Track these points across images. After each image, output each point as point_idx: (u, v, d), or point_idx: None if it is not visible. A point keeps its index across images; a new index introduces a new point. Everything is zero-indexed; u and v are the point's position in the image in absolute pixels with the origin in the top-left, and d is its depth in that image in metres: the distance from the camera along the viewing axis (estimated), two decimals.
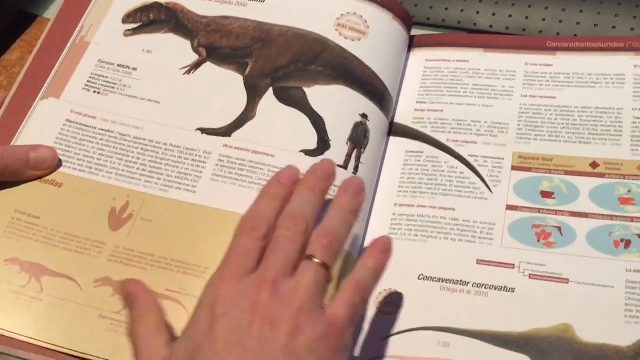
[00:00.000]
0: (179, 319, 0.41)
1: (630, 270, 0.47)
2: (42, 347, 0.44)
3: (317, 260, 0.40)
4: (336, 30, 0.56)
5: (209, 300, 0.38)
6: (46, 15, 0.66)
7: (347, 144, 0.52)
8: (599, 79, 0.57)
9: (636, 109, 0.55)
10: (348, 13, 0.57)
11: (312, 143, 0.51)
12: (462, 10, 0.64)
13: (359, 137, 0.53)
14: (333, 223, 0.42)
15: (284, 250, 0.40)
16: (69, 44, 0.56)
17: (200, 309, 0.39)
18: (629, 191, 0.51)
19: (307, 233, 0.41)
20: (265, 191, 0.43)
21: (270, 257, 0.40)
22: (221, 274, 0.39)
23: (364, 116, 0.54)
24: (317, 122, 0.52)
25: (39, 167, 0.49)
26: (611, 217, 0.50)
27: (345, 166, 0.51)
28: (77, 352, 0.44)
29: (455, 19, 0.65)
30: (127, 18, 0.57)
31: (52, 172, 0.50)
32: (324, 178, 0.44)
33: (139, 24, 0.57)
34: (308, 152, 0.51)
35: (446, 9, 0.65)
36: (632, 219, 0.49)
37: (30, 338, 0.44)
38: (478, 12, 0.64)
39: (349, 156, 0.52)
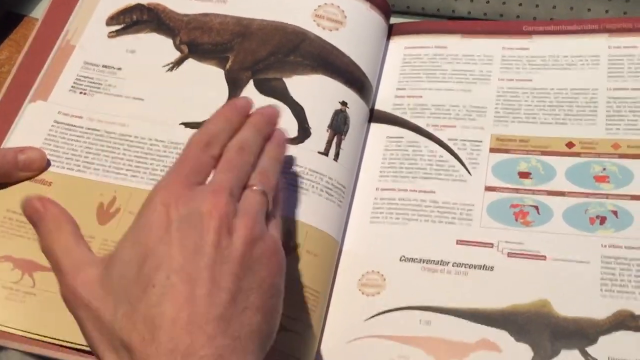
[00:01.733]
0: None
1: (605, 246, 0.49)
2: (37, 339, 0.45)
3: (257, 188, 0.40)
4: (314, 21, 0.57)
5: (161, 202, 0.37)
6: (33, 14, 0.67)
7: (327, 131, 0.53)
8: (574, 61, 0.58)
9: (610, 89, 0.56)
10: (325, 4, 0.58)
11: (293, 131, 0.53)
12: None
13: (338, 124, 0.54)
14: (264, 165, 0.43)
15: (236, 172, 0.40)
16: (55, 48, 0.57)
17: (150, 210, 0.37)
18: (604, 169, 0.52)
19: (252, 166, 0.42)
20: (220, 113, 0.44)
21: (223, 173, 0.40)
22: (172, 179, 0.39)
23: (344, 104, 0.55)
24: (297, 111, 0.54)
25: (28, 169, 0.51)
26: (587, 195, 0.51)
27: (325, 153, 0.52)
28: (70, 342, 0.45)
29: (434, 7, 0.66)
30: (111, 20, 0.59)
31: (41, 172, 0.51)
32: (269, 122, 0.45)
33: (122, 26, 0.58)
34: (289, 141, 0.52)
35: None
36: (607, 196, 0.51)
37: (25, 331, 0.46)
38: (456, 0, 0.65)
39: (329, 143, 0.53)
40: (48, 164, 0.51)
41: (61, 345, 0.45)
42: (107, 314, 0.36)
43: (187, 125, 0.53)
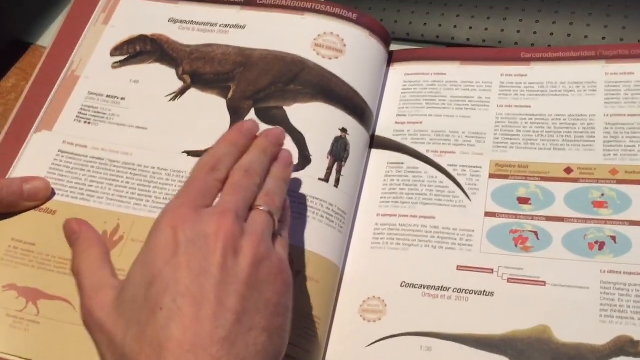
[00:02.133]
0: None
1: (604, 272, 0.49)
2: None
3: (263, 209, 0.41)
4: (314, 50, 0.58)
5: (168, 225, 0.38)
6: (40, 42, 0.69)
7: (327, 157, 0.54)
8: (572, 87, 0.59)
9: (607, 115, 0.56)
10: (325, 33, 0.59)
11: (294, 159, 0.53)
12: (440, 25, 0.66)
13: (339, 151, 0.55)
14: (270, 186, 0.43)
15: (242, 193, 0.41)
16: (60, 79, 0.58)
17: (158, 234, 0.38)
18: (602, 195, 0.52)
19: (259, 188, 0.42)
20: (226, 137, 0.44)
21: (229, 195, 0.41)
22: (180, 202, 0.40)
23: (344, 130, 0.56)
24: (298, 139, 0.54)
25: (33, 199, 0.51)
26: (585, 221, 0.52)
27: (326, 179, 0.53)
28: None
29: (433, 34, 0.67)
30: (115, 51, 0.60)
31: (46, 202, 0.52)
32: (275, 144, 0.45)
33: (126, 56, 0.59)
34: None
35: (425, 24, 0.67)
36: (605, 222, 0.51)
37: None
38: (455, 27, 0.66)
39: (329, 169, 0.54)
40: (53, 193, 0.52)
41: None
42: (118, 337, 0.36)
43: (190, 153, 0.54)
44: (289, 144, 0.54)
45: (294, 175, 0.52)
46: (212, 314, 0.35)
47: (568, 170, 0.54)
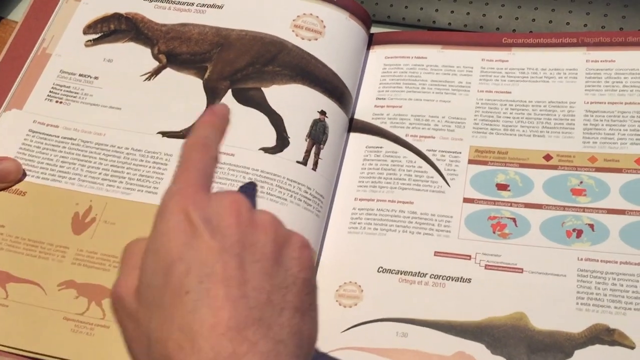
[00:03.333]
0: None
1: (581, 259, 0.49)
2: (7, 351, 0.45)
3: None
4: (293, 31, 0.57)
5: (177, 208, 0.35)
6: (11, 17, 0.66)
7: (306, 140, 0.53)
8: (553, 74, 0.58)
9: (588, 103, 0.56)
10: (304, 14, 0.58)
11: (271, 141, 0.52)
12: (421, 9, 0.66)
13: (317, 134, 0.54)
14: None
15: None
16: (30, 56, 0.57)
17: (168, 217, 0.35)
18: (581, 182, 0.52)
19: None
20: (205, 119, 0.42)
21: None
22: (184, 184, 0.37)
23: (323, 113, 0.55)
24: (276, 121, 0.53)
25: (4, 180, 0.50)
26: (564, 208, 0.51)
27: (304, 162, 0.52)
28: (41, 354, 0.44)
29: (414, 17, 0.66)
30: (88, 29, 0.58)
31: (16, 183, 0.51)
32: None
33: (99, 35, 0.58)
34: (267, 150, 0.52)
35: (406, 7, 0.66)
36: (583, 209, 0.51)
37: None
38: (437, 10, 0.65)
39: (308, 152, 0.53)
40: (24, 175, 0.51)
41: (32, 358, 0.45)
42: (142, 325, 0.34)
43: (165, 134, 0.53)
44: (266, 126, 0.53)
45: (272, 157, 0.51)
46: (242, 294, 0.33)
47: (547, 157, 0.54)
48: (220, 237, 0.34)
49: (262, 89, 0.55)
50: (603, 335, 0.45)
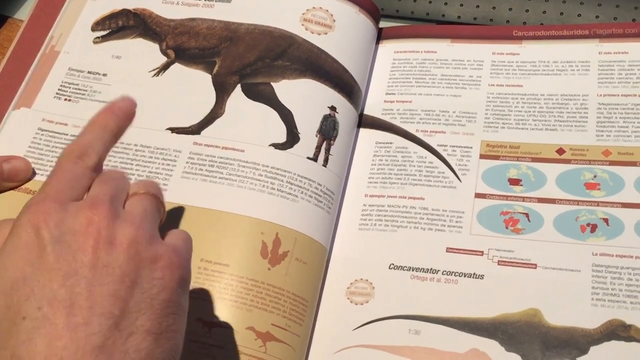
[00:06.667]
0: None
1: (596, 254, 0.48)
2: None
3: (143, 192, 0.37)
4: (302, 25, 0.57)
5: (29, 223, 0.33)
6: (17, 16, 0.66)
7: (316, 136, 0.53)
8: (565, 67, 0.58)
9: (601, 95, 0.55)
10: (314, 8, 0.57)
11: (282, 136, 0.52)
12: (430, 2, 0.65)
13: (327, 129, 0.53)
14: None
15: (116, 181, 0.37)
16: (39, 54, 0.56)
17: (19, 232, 0.33)
18: (595, 176, 0.52)
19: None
20: (95, 120, 0.40)
21: (100, 184, 0.36)
22: (43, 196, 0.34)
23: (333, 108, 0.54)
24: (286, 116, 0.53)
25: (13, 179, 0.50)
26: (577, 202, 0.51)
27: (315, 158, 0.52)
28: None
29: (423, 11, 0.65)
30: (96, 26, 0.58)
31: (26, 182, 0.50)
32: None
33: (107, 31, 0.58)
34: (277, 146, 0.51)
35: (414, 0, 0.65)
36: (597, 204, 0.50)
37: None
38: (446, 4, 0.65)
39: (318, 148, 0.52)
40: (33, 174, 0.51)
41: None
42: None
43: (174, 130, 0.52)
44: (277, 121, 0.53)
45: (282, 153, 0.51)
46: (84, 321, 0.31)
47: (560, 151, 0.53)
48: (70, 258, 0.32)
49: (272, 83, 0.54)
50: (619, 331, 0.45)
